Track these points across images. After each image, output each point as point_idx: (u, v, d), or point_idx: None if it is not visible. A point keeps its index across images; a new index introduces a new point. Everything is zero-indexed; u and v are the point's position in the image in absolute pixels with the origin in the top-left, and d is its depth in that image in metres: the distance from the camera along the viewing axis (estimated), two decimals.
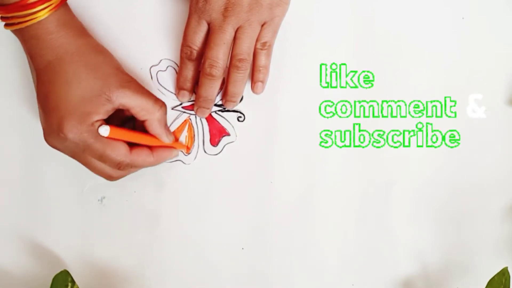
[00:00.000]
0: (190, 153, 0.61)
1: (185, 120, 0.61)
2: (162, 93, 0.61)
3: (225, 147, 0.62)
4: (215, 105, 0.61)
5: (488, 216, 0.61)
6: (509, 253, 0.61)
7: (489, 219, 0.61)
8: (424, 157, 0.61)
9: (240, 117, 0.62)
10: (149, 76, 0.61)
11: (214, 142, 0.62)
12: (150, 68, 0.61)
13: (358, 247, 0.62)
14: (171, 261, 0.62)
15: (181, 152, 0.61)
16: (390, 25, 0.61)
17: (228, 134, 0.62)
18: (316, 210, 0.62)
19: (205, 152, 0.62)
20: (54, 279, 0.57)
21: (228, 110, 0.62)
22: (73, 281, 0.57)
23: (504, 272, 0.55)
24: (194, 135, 0.62)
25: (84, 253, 0.61)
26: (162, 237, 0.61)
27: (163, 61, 0.61)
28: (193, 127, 0.62)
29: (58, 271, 0.57)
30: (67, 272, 0.57)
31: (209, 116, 0.62)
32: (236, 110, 0.61)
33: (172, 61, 0.61)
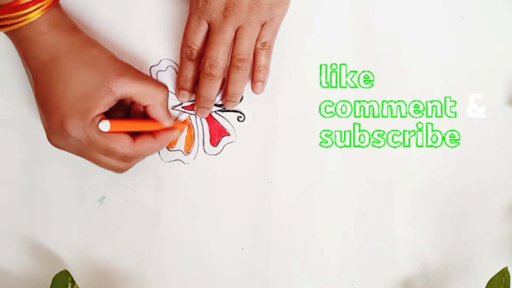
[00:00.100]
0: (190, 153, 0.62)
1: (185, 120, 0.61)
2: None
3: (225, 147, 0.61)
4: (215, 105, 0.61)
5: (488, 216, 0.61)
6: (509, 253, 0.61)
7: (489, 219, 0.61)
8: (424, 157, 0.61)
9: (240, 117, 0.62)
10: None
11: (214, 142, 0.62)
12: (150, 68, 0.61)
13: (358, 247, 0.62)
14: (171, 261, 0.61)
15: (181, 152, 0.61)
16: (390, 25, 0.61)
17: (228, 134, 0.62)
18: (316, 210, 0.62)
19: (205, 152, 0.62)
20: (54, 279, 0.57)
21: (228, 110, 0.61)
22: (73, 281, 0.57)
23: (504, 272, 0.55)
24: (194, 135, 0.62)
25: (84, 253, 0.61)
26: (162, 237, 0.61)
27: (163, 61, 0.61)
28: (193, 127, 0.62)
29: (58, 271, 0.57)
30: (67, 272, 0.57)
31: (209, 116, 0.62)
32: (236, 110, 0.61)
33: (172, 61, 0.61)
